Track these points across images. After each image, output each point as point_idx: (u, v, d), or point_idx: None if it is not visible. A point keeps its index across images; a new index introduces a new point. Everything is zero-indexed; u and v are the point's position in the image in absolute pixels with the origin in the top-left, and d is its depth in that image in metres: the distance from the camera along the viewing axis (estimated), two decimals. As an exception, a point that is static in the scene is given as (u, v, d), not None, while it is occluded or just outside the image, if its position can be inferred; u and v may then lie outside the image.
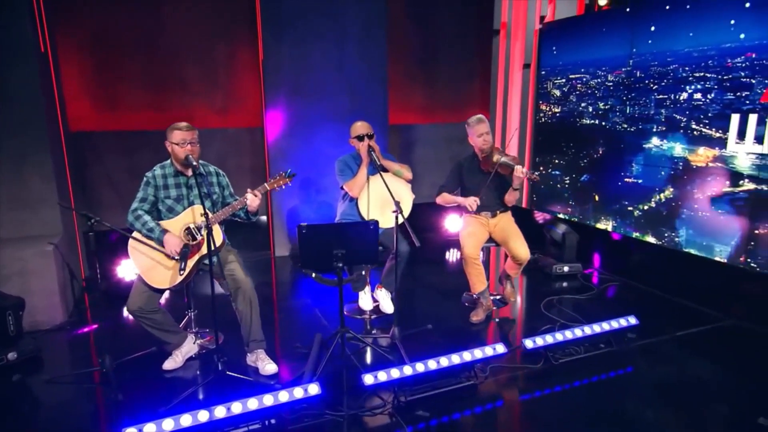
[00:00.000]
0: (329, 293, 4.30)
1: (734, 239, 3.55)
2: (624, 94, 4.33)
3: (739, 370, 3.00)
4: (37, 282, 3.50)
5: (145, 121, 4.91)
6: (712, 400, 2.71)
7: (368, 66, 5.17)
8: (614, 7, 4.57)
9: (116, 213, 4.76)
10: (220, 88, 5.15)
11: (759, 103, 3.41)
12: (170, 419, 2.26)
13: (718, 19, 3.64)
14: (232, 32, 5.09)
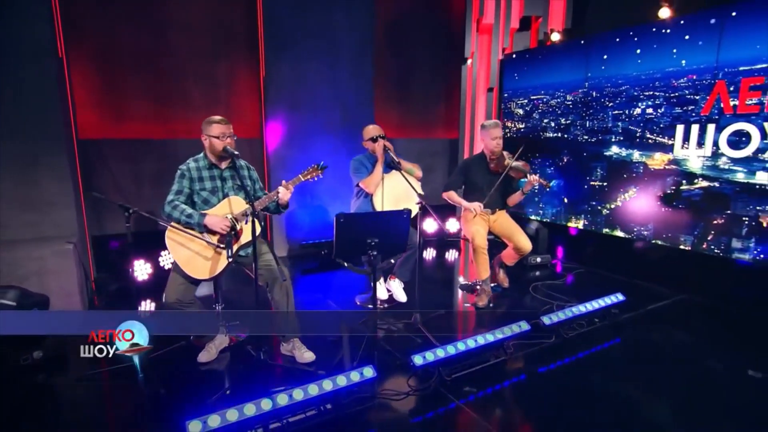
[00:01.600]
0: (335, 287, 4.02)
1: (695, 229, 3.65)
2: (582, 110, 4.42)
3: (704, 334, 3.09)
4: (55, 281, 3.01)
5: (150, 131, 4.43)
6: (690, 359, 2.76)
7: (357, 85, 5.04)
8: (570, 39, 4.69)
9: (120, 218, 4.21)
10: (220, 103, 4.75)
11: (701, 115, 3.56)
12: (233, 409, 1.95)
13: (662, 49, 3.81)
14: (231, 52, 4.76)
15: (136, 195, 4.25)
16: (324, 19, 4.73)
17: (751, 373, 2.56)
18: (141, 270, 3.85)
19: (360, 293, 3.74)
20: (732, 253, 3.42)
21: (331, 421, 2.14)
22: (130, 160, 4.27)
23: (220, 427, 1.89)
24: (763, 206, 3.23)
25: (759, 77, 3.28)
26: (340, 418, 2.16)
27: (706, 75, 3.54)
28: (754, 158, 3.30)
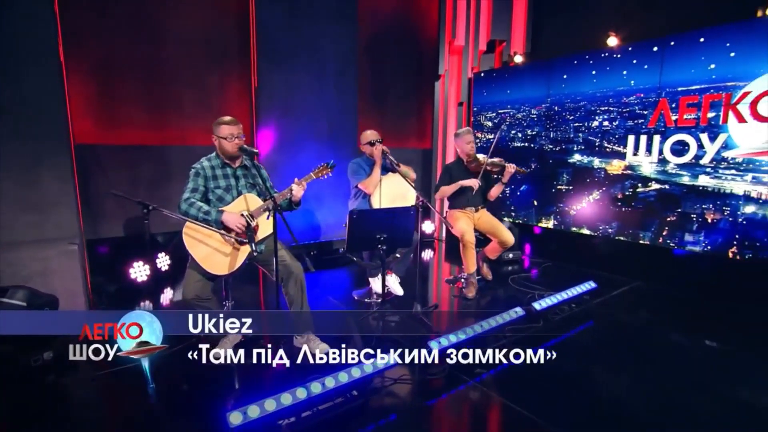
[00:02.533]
0: (330, 285, 3.93)
1: (652, 226, 3.87)
2: (546, 123, 4.61)
3: (662, 313, 3.30)
4: (60, 282, 2.77)
5: (145, 137, 4.16)
6: (656, 333, 2.95)
7: (342, 97, 5.00)
8: (532, 61, 4.89)
9: (118, 223, 3.93)
10: (211, 110, 4.53)
11: (648, 127, 3.82)
12: (271, 399, 1.87)
13: (614, 71, 4.06)
14: (223, 63, 4.58)
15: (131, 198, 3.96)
16: (313, 36, 4.69)
17: (708, 343, 2.75)
18: (139, 271, 3.57)
19: (357, 289, 3.67)
20: (685, 246, 3.67)
21: (358, 407, 2.09)
22: (125, 166, 3.99)
23: (259, 417, 1.79)
24: (707, 204, 3.51)
25: (694, 96, 3.57)
26: (365, 404, 2.10)
27: (651, 94, 3.80)
28: (696, 164, 3.58)
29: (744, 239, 3.31)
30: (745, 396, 2.25)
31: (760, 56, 3.25)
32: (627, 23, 4.22)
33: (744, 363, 2.56)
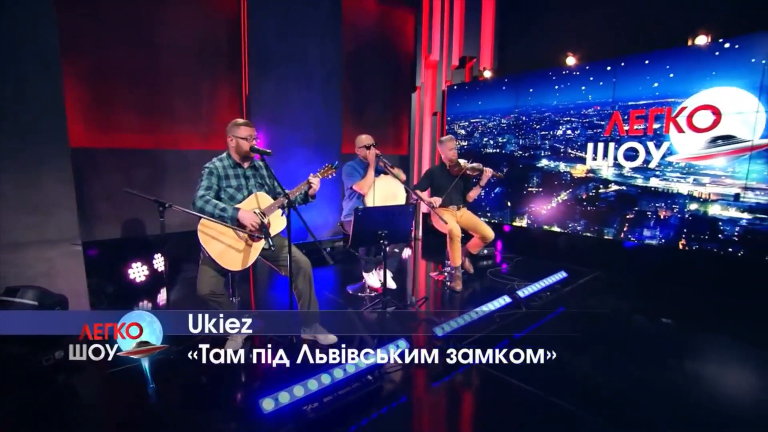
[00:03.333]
0: (324, 281, 3.89)
1: (614, 223, 4.11)
2: (515, 131, 4.81)
3: (623, 297, 3.51)
4: (64, 283, 2.59)
5: (139, 141, 3.97)
6: (621, 313, 3.15)
7: (328, 106, 4.98)
8: (501, 76, 5.08)
9: (113, 225, 3.72)
10: (202, 117, 4.40)
11: (604, 135, 4.07)
12: (299, 386, 1.85)
13: (574, 86, 4.31)
14: (215, 71, 4.45)
15: (126, 201, 3.75)
16: (301, 47, 4.65)
17: (664, 320, 2.97)
18: (138, 272, 3.39)
19: (351, 284, 3.66)
20: (644, 240, 3.93)
21: (373, 391, 2.09)
22: (120, 169, 3.77)
23: (289, 403, 1.76)
24: (660, 203, 3.79)
25: (642, 110, 3.86)
26: (380, 388, 2.11)
27: (606, 107, 4.07)
28: (646, 168, 3.86)
29: (691, 233, 3.60)
30: (695, 365, 2.46)
31: (693, 77, 3.57)
32: (582, 44, 4.49)
33: (693, 335, 2.80)
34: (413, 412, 2.07)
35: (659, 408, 2.02)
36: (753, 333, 2.81)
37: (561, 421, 1.93)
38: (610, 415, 1.94)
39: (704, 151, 3.54)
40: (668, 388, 2.17)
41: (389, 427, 1.93)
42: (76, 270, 2.59)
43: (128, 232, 3.76)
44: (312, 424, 1.81)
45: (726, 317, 3.08)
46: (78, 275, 2.60)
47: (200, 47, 4.27)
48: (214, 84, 4.44)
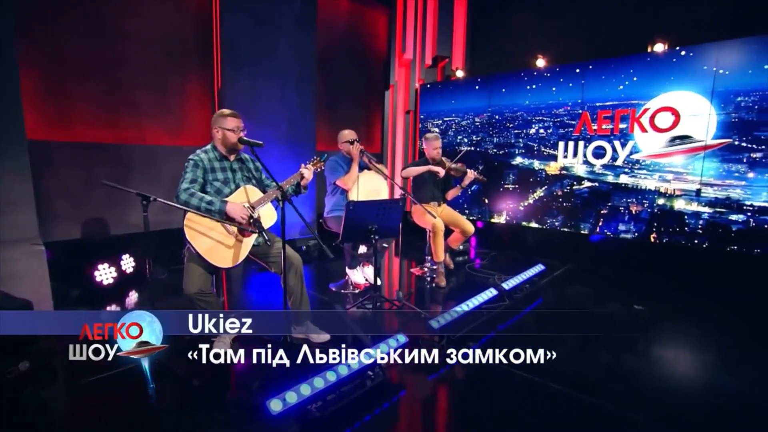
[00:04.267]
0: (306, 278, 3.80)
1: (590, 218, 4.32)
2: (489, 130, 4.95)
3: (596, 287, 3.69)
4: (27, 286, 2.33)
5: (101, 136, 3.69)
6: (597, 302, 3.34)
7: (302, 102, 4.89)
8: (475, 75, 5.21)
9: (73, 225, 3.42)
10: (171, 112, 4.18)
11: (574, 134, 4.29)
12: (306, 384, 1.81)
13: (545, 87, 4.51)
14: (184, 65, 4.24)
15: (86, 199, 3.47)
16: (275, 44, 4.55)
17: (636, 307, 3.17)
18: (105, 274, 3.14)
19: (333, 281, 3.60)
20: (620, 234, 4.16)
21: (375, 386, 2.07)
22: (79, 164, 3.49)
23: (296, 403, 1.70)
24: (631, 198, 4.03)
25: (608, 110, 4.11)
26: (381, 384, 2.09)
27: (576, 107, 4.29)
28: (615, 165, 4.10)
29: (661, 226, 3.87)
30: (663, 345, 2.68)
31: (654, 81, 3.85)
32: (551, 47, 4.70)
33: (662, 318, 3.01)
34: (413, 404, 2.08)
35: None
36: (716, 318, 3.08)
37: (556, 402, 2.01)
38: (603, 396, 2.04)
39: (664, 150, 3.82)
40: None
41: (391, 420, 1.93)
42: (39, 272, 2.36)
43: (90, 232, 3.49)
44: (317, 422, 1.76)
45: (689, 304, 3.35)
46: (41, 278, 2.37)
47: (168, 41, 4.06)
48: (184, 79, 4.22)
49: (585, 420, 1.94)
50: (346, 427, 1.83)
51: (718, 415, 1.98)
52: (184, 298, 2.19)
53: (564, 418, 1.96)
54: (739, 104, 3.47)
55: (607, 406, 1.99)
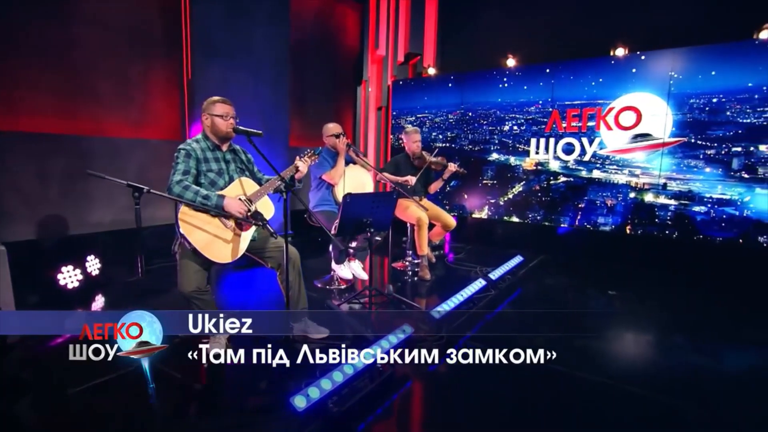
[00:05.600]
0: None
1: (568, 211, 4.55)
2: (464, 126, 5.08)
3: (572, 276, 3.92)
4: None
5: (55, 126, 3.35)
6: (575, 289, 3.54)
7: (275, 96, 4.78)
8: (449, 72, 5.32)
9: (24, 222, 3.09)
10: (134, 102, 3.89)
11: (545, 132, 4.53)
12: (326, 379, 1.76)
13: (517, 85, 4.72)
14: (147, 53, 3.95)
15: (40, 196, 3.14)
16: (249, 35, 4.41)
17: (611, 292, 3.41)
18: (69, 277, 2.86)
19: (317, 278, 3.54)
20: (590, 226, 4.42)
21: (386, 379, 2.06)
22: (31, 156, 3.15)
23: (319, 398, 1.67)
24: (606, 193, 4.31)
25: (576, 109, 4.37)
26: (389, 377, 2.10)
27: (546, 105, 4.53)
28: (588, 161, 4.36)
29: (635, 218, 4.17)
30: (636, 328, 2.91)
31: (618, 83, 4.16)
32: (520, 47, 4.91)
33: (634, 304, 3.27)
34: (420, 394, 2.10)
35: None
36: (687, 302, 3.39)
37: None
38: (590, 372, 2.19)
39: (628, 146, 4.14)
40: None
41: (402, 411, 1.94)
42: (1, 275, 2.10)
43: (48, 231, 3.16)
44: (336, 416, 1.73)
45: (659, 289, 3.65)
46: (3, 280, 2.11)
47: (130, 25, 3.77)
48: (147, 67, 3.95)
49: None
50: (361, 421, 1.82)
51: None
52: (163, 299, 2.08)
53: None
54: (692, 105, 3.84)
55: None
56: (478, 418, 1.91)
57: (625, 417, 1.90)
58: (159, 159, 3.99)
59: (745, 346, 2.69)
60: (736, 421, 1.88)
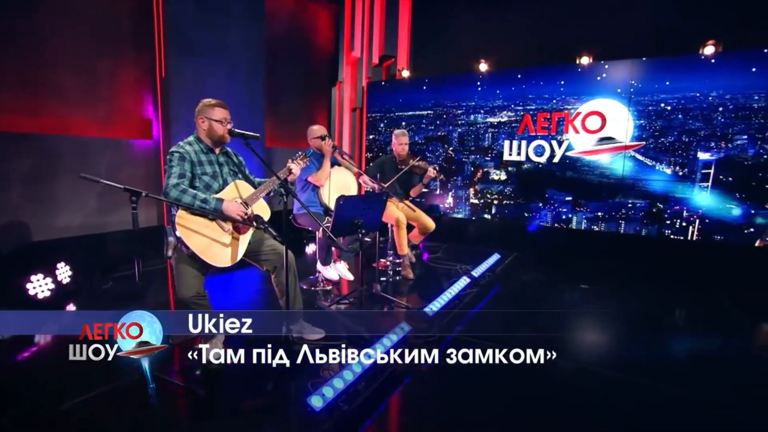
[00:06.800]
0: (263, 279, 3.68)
1: (539, 210, 4.78)
2: (438, 128, 5.25)
3: (548, 270, 4.14)
4: None
5: (15, 124, 3.12)
6: (549, 284, 3.75)
7: (250, 96, 4.73)
8: (423, 75, 5.45)
9: None
10: (102, 100, 3.71)
11: (517, 134, 4.77)
12: (338, 378, 1.80)
13: (491, 90, 4.92)
14: (115, 48, 3.78)
15: (3, 200, 2.93)
16: (224, 32, 4.34)
17: (583, 287, 3.66)
18: (40, 286, 2.68)
19: (301, 279, 3.53)
20: (564, 222, 4.68)
21: (389, 376, 2.12)
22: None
23: (333, 397, 1.70)
24: (574, 192, 4.59)
25: (546, 113, 4.63)
26: (390, 373, 2.16)
27: (518, 109, 4.76)
28: (556, 162, 4.61)
29: (602, 216, 4.46)
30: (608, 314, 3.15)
31: (584, 89, 4.45)
32: (493, 52, 5.12)
33: (603, 296, 3.54)
34: (418, 390, 2.18)
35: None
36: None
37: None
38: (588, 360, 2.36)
39: (594, 148, 4.44)
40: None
41: (403, 408, 2.01)
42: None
43: (10, 238, 2.95)
44: (347, 414, 1.78)
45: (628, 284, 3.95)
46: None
47: (97, 18, 3.59)
48: (116, 63, 3.78)
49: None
50: (367, 418, 1.87)
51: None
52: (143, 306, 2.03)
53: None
54: (649, 112, 4.19)
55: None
56: (473, 411, 2.01)
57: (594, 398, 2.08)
58: (131, 159, 3.82)
59: (698, 331, 2.99)
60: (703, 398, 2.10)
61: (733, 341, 2.79)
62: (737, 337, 2.86)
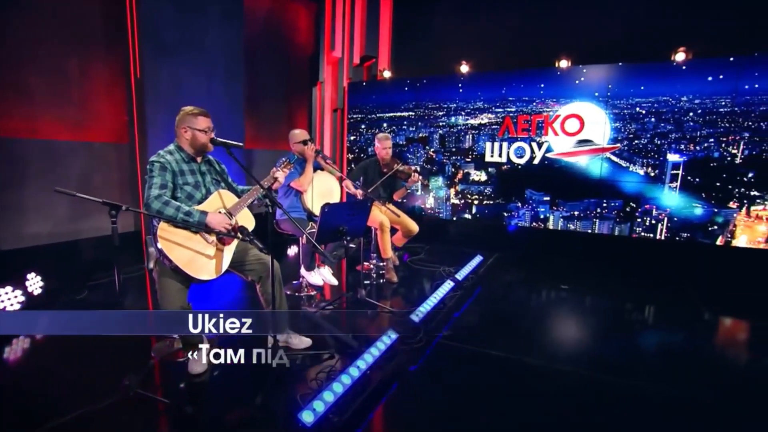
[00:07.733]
0: (245, 286, 3.63)
1: (519, 210, 4.86)
2: (420, 129, 5.25)
3: (528, 271, 4.23)
4: None
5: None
6: (532, 283, 3.85)
7: (229, 97, 4.63)
8: (404, 77, 5.45)
9: None
10: (72, 102, 3.55)
11: (498, 136, 4.84)
12: (328, 391, 1.81)
13: (472, 92, 4.96)
14: (87, 48, 3.62)
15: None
16: (201, 32, 4.22)
17: (563, 287, 3.76)
18: (9, 299, 2.56)
19: (285, 284, 3.49)
20: (543, 222, 4.78)
21: (378, 386, 2.13)
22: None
23: (323, 411, 1.70)
24: (554, 193, 4.69)
25: (527, 116, 4.72)
26: (379, 381, 2.17)
27: (499, 111, 4.83)
28: (535, 164, 4.71)
29: (579, 216, 4.58)
30: (587, 314, 3.26)
31: (563, 92, 4.55)
32: (473, 55, 5.17)
33: (581, 295, 3.64)
34: (407, 396, 2.20)
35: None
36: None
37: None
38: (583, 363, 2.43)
39: (573, 150, 4.56)
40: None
41: (390, 415, 2.03)
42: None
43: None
44: (338, 426, 1.77)
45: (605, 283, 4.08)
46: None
47: (67, 15, 3.44)
48: (87, 63, 3.63)
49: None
50: (357, 427, 1.88)
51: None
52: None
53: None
54: (625, 116, 4.32)
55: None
56: (461, 416, 2.05)
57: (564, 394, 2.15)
58: (105, 163, 3.69)
59: (669, 327, 3.12)
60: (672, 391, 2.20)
61: (700, 336, 2.94)
62: (703, 331, 3.02)
